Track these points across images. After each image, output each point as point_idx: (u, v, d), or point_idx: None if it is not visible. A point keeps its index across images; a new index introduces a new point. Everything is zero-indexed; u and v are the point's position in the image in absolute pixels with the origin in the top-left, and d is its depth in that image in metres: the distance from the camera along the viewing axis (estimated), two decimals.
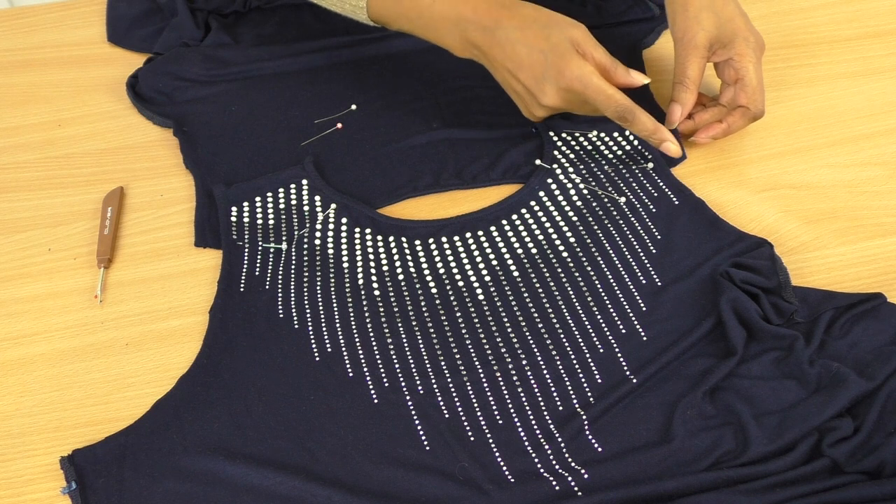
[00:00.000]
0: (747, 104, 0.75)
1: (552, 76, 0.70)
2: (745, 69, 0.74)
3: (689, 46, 0.74)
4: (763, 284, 0.62)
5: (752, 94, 0.74)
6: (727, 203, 0.72)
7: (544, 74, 0.70)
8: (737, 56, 0.74)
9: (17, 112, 0.86)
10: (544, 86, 0.71)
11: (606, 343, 0.62)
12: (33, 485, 0.57)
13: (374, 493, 0.54)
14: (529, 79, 0.71)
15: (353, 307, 0.65)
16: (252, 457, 0.56)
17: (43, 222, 0.75)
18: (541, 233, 0.70)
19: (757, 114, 0.76)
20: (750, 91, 0.74)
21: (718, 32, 0.74)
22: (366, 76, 0.87)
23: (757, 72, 0.74)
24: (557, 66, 0.70)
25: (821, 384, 0.57)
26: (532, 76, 0.71)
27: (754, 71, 0.74)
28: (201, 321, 0.65)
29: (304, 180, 0.75)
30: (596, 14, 0.91)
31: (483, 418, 0.58)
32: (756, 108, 0.75)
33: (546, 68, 0.70)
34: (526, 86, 0.72)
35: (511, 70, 0.72)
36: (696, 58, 0.74)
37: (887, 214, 0.71)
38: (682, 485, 0.53)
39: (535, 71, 0.71)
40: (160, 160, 0.80)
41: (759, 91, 0.75)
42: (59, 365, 0.64)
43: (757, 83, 0.74)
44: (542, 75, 0.71)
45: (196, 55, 0.87)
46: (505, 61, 0.72)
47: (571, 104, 0.72)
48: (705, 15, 0.74)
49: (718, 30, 0.74)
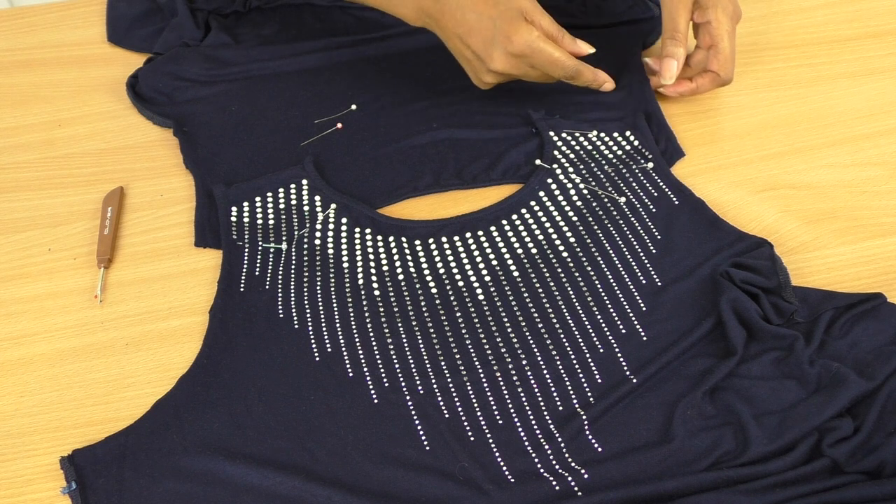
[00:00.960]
0: (718, 70, 0.78)
1: (501, 42, 0.72)
2: (721, 37, 0.77)
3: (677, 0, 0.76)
4: (763, 284, 0.62)
5: (725, 61, 0.77)
6: (727, 203, 0.72)
7: (493, 40, 0.72)
8: (714, 22, 0.77)
9: (17, 112, 0.86)
10: (493, 51, 0.73)
11: (606, 343, 0.62)
12: (33, 485, 0.57)
13: (374, 493, 0.54)
14: (479, 44, 0.73)
15: (353, 307, 0.65)
16: (252, 457, 0.56)
17: (43, 222, 0.75)
18: (541, 233, 0.70)
19: (726, 80, 0.79)
20: (722, 59, 0.77)
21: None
22: (366, 76, 0.87)
23: (731, 41, 0.77)
24: (506, 32, 0.71)
25: (821, 384, 0.57)
26: (481, 42, 0.73)
27: (728, 40, 0.77)
28: (201, 321, 0.65)
29: (304, 180, 0.75)
30: (596, 13, 0.91)
31: (483, 418, 0.58)
32: (726, 75, 0.78)
33: (495, 34, 0.72)
34: (475, 51, 0.74)
35: (461, 36, 0.74)
36: (685, 11, 0.77)
37: (887, 214, 0.71)
38: (682, 485, 0.53)
39: (484, 36, 0.73)
40: (160, 160, 0.80)
41: (730, 59, 0.78)
42: (59, 365, 0.64)
43: (730, 52, 0.77)
44: (490, 41, 0.72)
45: (196, 55, 0.87)
46: (455, 28, 0.74)
47: (519, 69, 0.74)
48: None
49: None
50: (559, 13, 0.91)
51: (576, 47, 0.75)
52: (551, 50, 0.72)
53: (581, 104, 0.81)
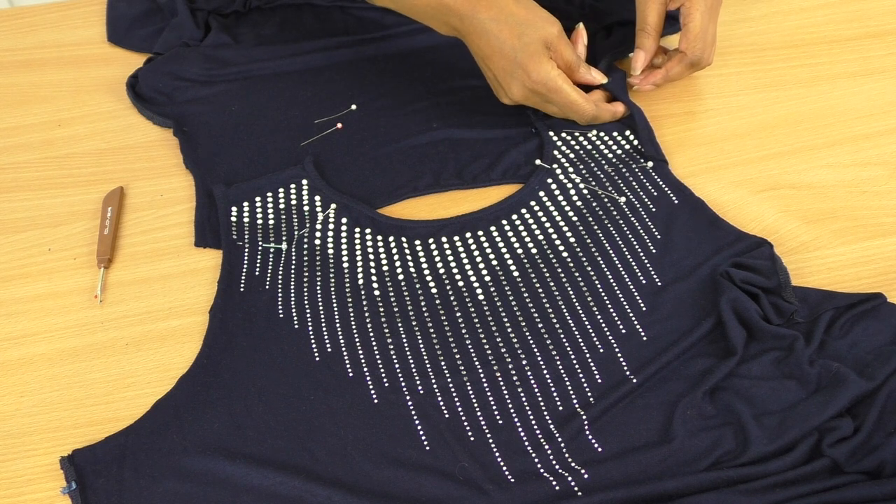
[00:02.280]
0: (685, 49, 0.77)
1: (519, 75, 0.73)
2: (692, 16, 0.76)
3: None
4: (763, 284, 0.62)
5: (693, 40, 0.76)
6: (727, 203, 0.72)
7: (512, 72, 0.73)
8: (687, 3, 0.76)
9: (17, 112, 0.86)
10: (511, 82, 0.74)
11: (606, 343, 0.62)
12: (33, 485, 0.57)
13: (374, 493, 0.54)
14: (499, 71, 0.74)
15: (353, 307, 0.65)
16: (252, 457, 0.56)
17: (43, 222, 0.75)
18: (541, 233, 0.70)
19: (694, 60, 0.77)
20: (691, 37, 0.76)
21: None
22: (366, 76, 0.87)
23: (703, 20, 0.75)
24: (526, 67, 0.72)
25: (821, 384, 0.57)
26: (501, 70, 0.74)
27: (700, 18, 0.75)
28: (201, 321, 0.65)
29: (304, 180, 0.75)
30: (594, 15, 0.91)
31: (483, 418, 0.58)
32: (694, 54, 0.76)
33: (514, 66, 0.73)
34: (496, 76, 0.75)
35: (483, 59, 0.75)
36: (655, 4, 0.77)
37: (887, 214, 0.71)
38: (682, 485, 0.53)
39: (504, 66, 0.73)
40: (160, 160, 0.80)
41: (699, 38, 0.76)
42: (59, 365, 0.64)
43: (699, 31, 0.75)
44: (510, 72, 0.73)
45: (196, 55, 0.88)
46: (478, 50, 0.75)
47: (536, 104, 0.76)
48: None
49: None
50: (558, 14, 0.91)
51: (590, 77, 0.77)
52: (569, 91, 0.74)
53: None
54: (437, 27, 0.77)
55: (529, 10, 0.74)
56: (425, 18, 0.77)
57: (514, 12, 0.73)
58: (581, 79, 0.77)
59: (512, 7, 0.73)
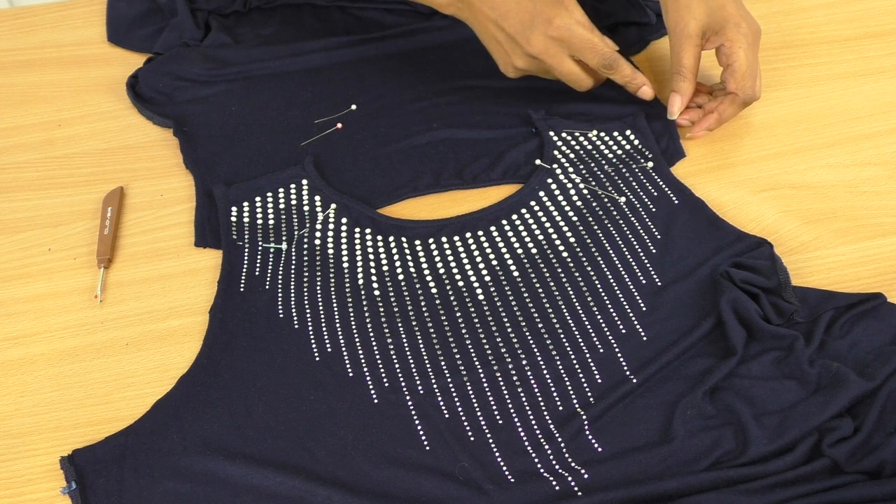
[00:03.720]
0: (736, 90, 0.76)
1: (540, 24, 0.73)
2: (735, 55, 0.75)
3: (682, 36, 0.76)
4: (763, 284, 0.62)
5: (741, 79, 0.75)
6: (727, 203, 0.72)
7: (532, 22, 0.73)
8: (727, 42, 0.75)
9: (17, 112, 0.86)
10: (531, 34, 0.73)
11: (606, 343, 0.62)
12: (33, 485, 0.57)
13: (374, 493, 0.54)
14: (516, 25, 0.74)
15: (353, 307, 0.65)
16: (252, 457, 0.56)
17: (43, 222, 0.75)
18: (541, 233, 0.70)
19: (747, 99, 0.77)
20: (739, 77, 0.75)
21: (709, 20, 0.76)
22: (366, 76, 0.87)
23: (748, 57, 0.75)
24: (546, 15, 0.73)
25: (821, 384, 0.57)
26: (520, 23, 0.73)
27: (744, 56, 0.75)
28: (201, 321, 0.65)
29: (304, 180, 0.75)
30: (593, 16, 0.91)
31: (483, 418, 0.58)
32: (745, 93, 0.76)
33: (535, 16, 0.73)
34: (511, 34, 0.74)
35: (496, 19, 0.74)
36: (690, 46, 0.76)
37: (887, 214, 0.71)
38: (682, 485, 0.53)
39: (523, 19, 0.73)
40: (160, 160, 0.80)
41: (748, 76, 0.75)
42: (59, 365, 0.64)
43: (746, 68, 0.75)
44: (529, 23, 0.73)
45: (196, 55, 0.88)
46: (490, 11, 0.74)
47: (554, 56, 0.75)
48: (696, 4, 0.75)
49: (709, 17, 0.76)
50: None
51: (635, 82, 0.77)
52: (590, 35, 0.74)
53: (580, 104, 0.81)
54: (439, 2, 0.77)
55: None
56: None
57: None
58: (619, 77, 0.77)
59: None
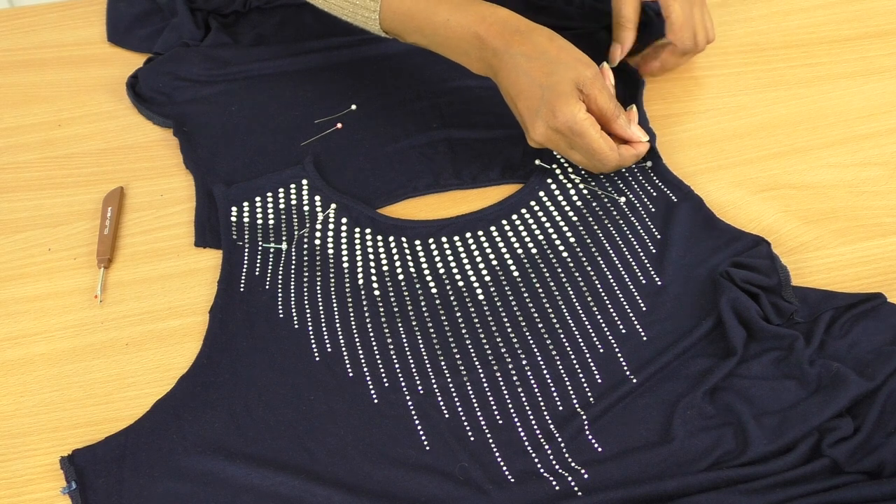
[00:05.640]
0: (673, 40, 0.78)
1: (545, 114, 0.68)
2: (671, 7, 0.77)
3: None
4: (764, 283, 0.62)
5: (679, 31, 0.78)
6: (727, 203, 0.72)
7: (538, 110, 0.69)
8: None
9: (17, 112, 0.86)
10: (536, 121, 0.69)
11: (606, 343, 0.62)
12: (33, 485, 0.57)
13: (374, 493, 0.54)
14: (525, 110, 0.70)
15: (353, 307, 0.65)
16: (252, 457, 0.56)
17: (43, 222, 0.75)
18: (541, 233, 0.70)
19: (686, 50, 0.79)
20: (676, 28, 0.78)
21: None
22: (366, 76, 0.87)
23: (683, 10, 0.77)
24: (552, 106, 0.68)
25: (821, 384, 0.57)
26: (528, 108, 0.70)
27: (679, 9, 0.77)
28: (201, 321, 0.65)
29: (304, 180, 0.75)
30: (593, 17, 0.91)
31: (483, 418, 0.58)
32: (683, 44, 0.78)
33: (541, 104, 0.68)
34: (521, 116, 0.71)
35: (512, 97, 0.71)
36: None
37: (887, 214, 0.71)
38: (682, 485, 0.53)
39: (531, 105, 0.69)
40: (160, 160, 0.80)
41: (685, 28, 0.78)
42: (59, 365, 0.64)
43: (683, 21, 0.77)
44: (535, 110, 0.69)
45: (196, 55, 0.87)
46: (508, 87, 0.71)
47: (560, 147, 0.71)
48: None
49: None
50: (557, 16, 0.91)
51: (629, 133, 0.71)
52: (594, 137, 0.68)
53: None
54: (470, 64, 0.74)
55: (564, 49, 0.70)
56: (458, 55, 0.74)
57: (547, 50, 0.69)
58: (619, 131, 0.71)
59: (546, 45, 0.69)
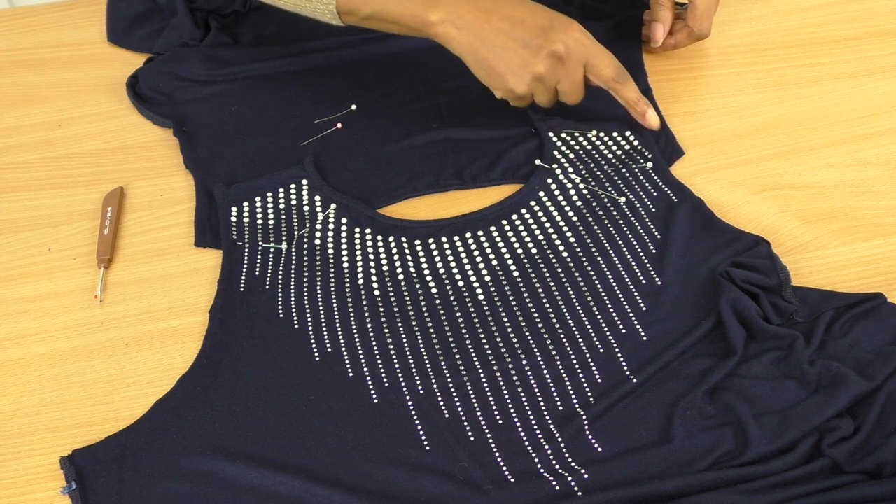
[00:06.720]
0: (692, 25, 0.82)
1: (561, 27, 0.72)
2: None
3: None
4: (764, 283, 0.62)
5: (699, 17, 0.82)
6: (727, 203, 0.72)
7: (552, 25, 0.72)
8: None
9: (17, 112, 0.86)
10: (554, 34, 0.71)
11: (606, 343, 0.62)
12: (33, 485, 0.57)
13: (374, 493, 0.54)
14: (534, 30, 0.71)
15: (353, 307, 0.65)
16: (252, 457, 0.56)
17: (43, 222, 0.75)
18: (541, 233, 0.70)
19: (700, 35, 0.83)
20: (698, 14, 0.82)
21: None
22: (366, 76, 0.87)
23: None
24: (564, 21, 0.72)
25: (821, 384, 0.57)
26: (537, 27, 0.71)
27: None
28: (201, 321, 0.65)
29: (304, 180, 0.75)
30: (594, 16, 0.91)
31: (483, 418, 0.58)
32: (699, 30, 0.83)
33: (553, 21, 0.72)
34: (527, 39, 0.71)
35: (508, 29, 0.71)
36: None
37: (887, 214, 0.71)
38: (682, 485, 0.53)
39: (542, 24, 0.72)
40: (160, 160, 0.80)
41: (705, 14, 0.82)
42: (59, 365, 0.64)
43: (705, 7, 0.81)
44: (549, 27, 0.72)
45: (196, 55, 0.87)
46: (499, 22, 0.71)
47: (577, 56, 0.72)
48: None
49: None
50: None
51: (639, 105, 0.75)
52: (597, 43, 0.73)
53: (579, 104, 0.81)
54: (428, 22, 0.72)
55: None
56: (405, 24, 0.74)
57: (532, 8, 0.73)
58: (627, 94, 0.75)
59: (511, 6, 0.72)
